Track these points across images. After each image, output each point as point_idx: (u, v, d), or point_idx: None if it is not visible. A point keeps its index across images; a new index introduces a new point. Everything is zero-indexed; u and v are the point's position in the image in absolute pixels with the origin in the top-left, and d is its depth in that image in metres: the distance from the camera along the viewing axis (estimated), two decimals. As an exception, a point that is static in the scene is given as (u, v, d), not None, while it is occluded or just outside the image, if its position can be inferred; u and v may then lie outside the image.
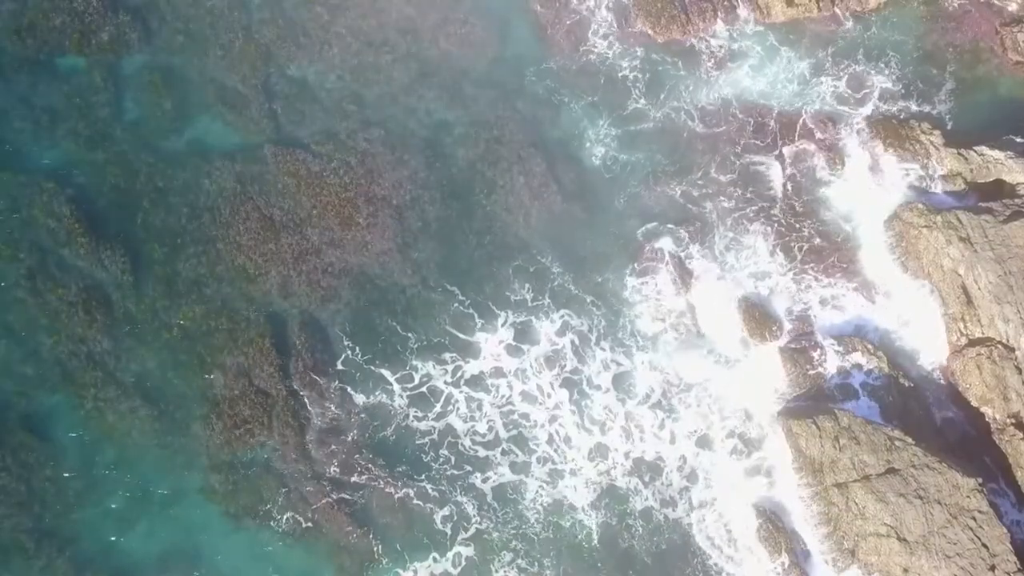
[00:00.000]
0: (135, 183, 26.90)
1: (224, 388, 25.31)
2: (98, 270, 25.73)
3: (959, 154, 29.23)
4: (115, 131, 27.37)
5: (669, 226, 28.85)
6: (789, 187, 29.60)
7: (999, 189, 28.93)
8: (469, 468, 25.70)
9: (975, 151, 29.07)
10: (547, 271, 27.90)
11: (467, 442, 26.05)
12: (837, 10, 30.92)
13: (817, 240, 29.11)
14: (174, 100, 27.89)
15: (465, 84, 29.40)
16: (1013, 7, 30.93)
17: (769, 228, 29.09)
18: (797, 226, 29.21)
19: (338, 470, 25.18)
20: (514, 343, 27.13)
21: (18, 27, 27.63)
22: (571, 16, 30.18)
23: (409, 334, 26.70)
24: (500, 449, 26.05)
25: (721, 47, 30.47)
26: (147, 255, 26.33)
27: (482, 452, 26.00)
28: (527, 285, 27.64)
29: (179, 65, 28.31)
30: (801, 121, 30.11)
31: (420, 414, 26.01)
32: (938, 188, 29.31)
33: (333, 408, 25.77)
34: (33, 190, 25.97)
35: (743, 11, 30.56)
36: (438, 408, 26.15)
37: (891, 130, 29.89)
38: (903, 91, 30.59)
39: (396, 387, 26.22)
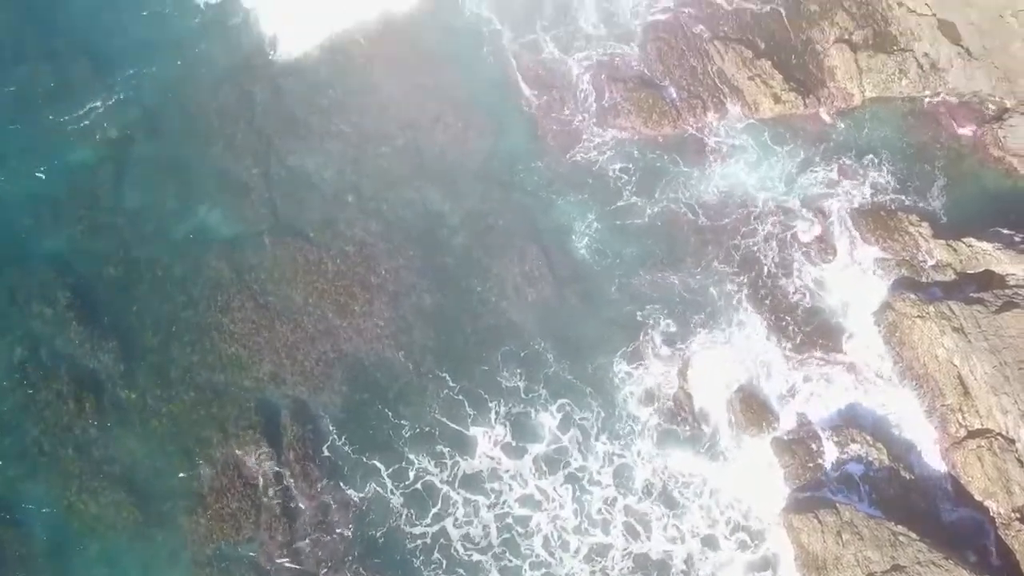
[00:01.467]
0: (134, 272, 27.27)
1: (211, 480, 24.90)
2: (90, 359, 25.74)
3: (948, 245, 29.69)
4: (117, 221, 27.91)
5: (664, 313, 28.92)
6: (782, 276, 29.92)
7: (989, 279, 29.24)
8: (462, 572, 25.01)
9: (963, 242, 29.52)
10: (543, 359, 27.87)
11: (460, 547, 25.37)
12: (823, 107, 31.95)
13: (811, 329, 29.20)
14: (177, 190, 28.58)
15: (461, 177, 30.08)
16: (991, 108, 32.11)
17: (763, 317, 29.23)
18: (791, 315, 29.36)
19: (326, 571, 24.51)
20: (512, 441, 26.84)
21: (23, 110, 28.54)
22: (564, 112, 31.09)
23: (403, 423, 26.51)
24: (492, 553, 25.38)
25: (712, 141, 31.33)
26: (141, 343, 26.40)
27: (475, 556, 25.35)
28: (520, 372, 27.59)
29: (183, 156, 29.07)
30: (793, 212, 30.74)
31: (415, 516, 25.43)
32: (929, 278, 29.62)
33: (324, 503, 25.29)
34: (31, 278, 26.26)
35: (732, 107, 31.54)
36: (434, 510, 25.58)
37: (880, 221, 30.47)
38: (891, 184, 31.24)
39: (389, 483, 25.79)
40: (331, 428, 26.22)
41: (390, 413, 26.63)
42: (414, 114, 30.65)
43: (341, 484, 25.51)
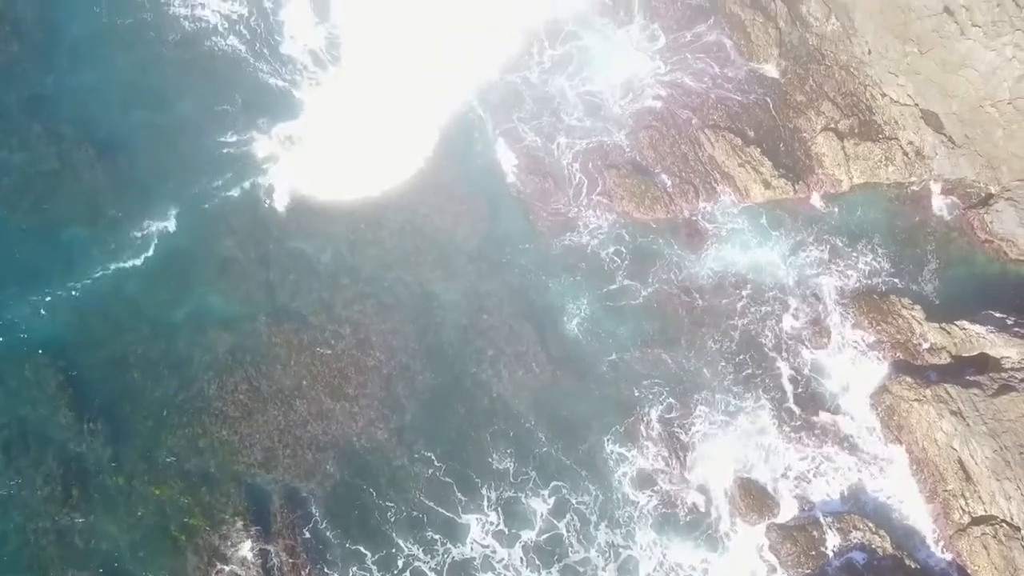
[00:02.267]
0: (128, 355, 27.16)
1: (196, 568, 24.29)
2: (79, 443, 25.45)
3: (942, 328, 29.96)
4: (113, 305, 27.94)
5: (659, 395, 28.98)
6: (778, 358, 30.08)
7: (985, 362, 29.41)
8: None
9: (957, 325, 29.82)
10: (536, 440, 27.75)
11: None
12: (813, 192, 32.71)
13: (809, 413, 29.21)
14: (174, 273, 28.76)
15: (456, 259, 30.45)
16: (977, 193, 32.92)
17: (759, 399, 29.26)
18: (788, 398, 29.40)
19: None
20: (505, 528, 26.45)
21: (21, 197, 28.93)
22: (556, 197, 31.73)
23: (393, 508, 26.12)
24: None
25: (705, 225, 31.92)
26: (131, 427, 26.14)
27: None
28: (513, 454, 27.43)
29: (182, 239, 29.41)
30: (787, 295, 31.11)
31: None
32: (924, 361, 29.77)
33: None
34: (23, 362, 26.20)
35: (724, 192, 32.25)
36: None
37: (873, 304, 30.82)
38: (882, 267, 31.78)
39: (377, 570, 25.21)
40: (322, 514, 25.76)
41: (381, 498, 26.24)
42: (411, 198, 31.28)
43: (330, 572, 24.90)
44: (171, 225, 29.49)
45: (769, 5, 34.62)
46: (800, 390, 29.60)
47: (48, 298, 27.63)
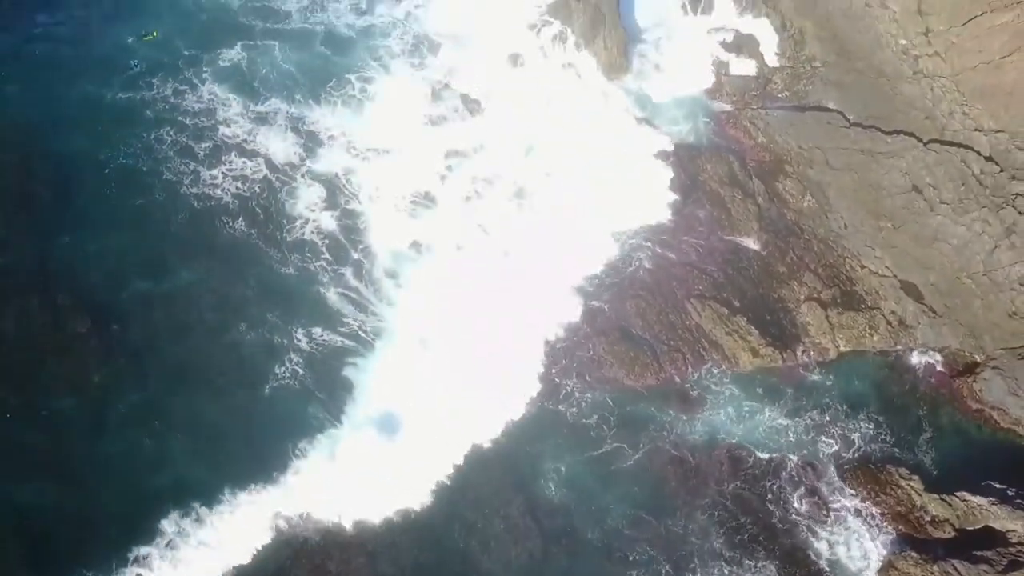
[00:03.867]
0: (98, 526, 26.47)
1: None
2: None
3: (942, 500, 29.73)
4: (87, 472, 27.52)
5: (654, 565, 28.22)
6: (775, 530, 29.56)
7: (990, 536, 28.97)
8: None
9: (957, 497, 29.62)
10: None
11: None
12: (801, 360, 33.53)
13: (812, 590, 28.44)
14: (156, 441, 28.58)
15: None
16: (963, 362, 33.82)
17: (757, 573, 28.52)
18: (786, 572, 28.67)
19: None
20: None
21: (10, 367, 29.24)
22: (549, 363, 32.37)
23: None
24: None
25: (696, 393, 32.38)
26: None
27: None
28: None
29: (168, 404, 29.43)
30: (781, 464, 31.04)
31: None
32: (928, 535, 29.28)
33: None
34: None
35: (713, 360, 32.97)
36: None
37: (870, 475, 30.74)
38: (876, 435, 31.97)
39: None
40: None
41: None
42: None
43: None
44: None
45: (747, 183, 37.12)
46: (799, 564, 28.85)
47: (15, 456, 27.26)
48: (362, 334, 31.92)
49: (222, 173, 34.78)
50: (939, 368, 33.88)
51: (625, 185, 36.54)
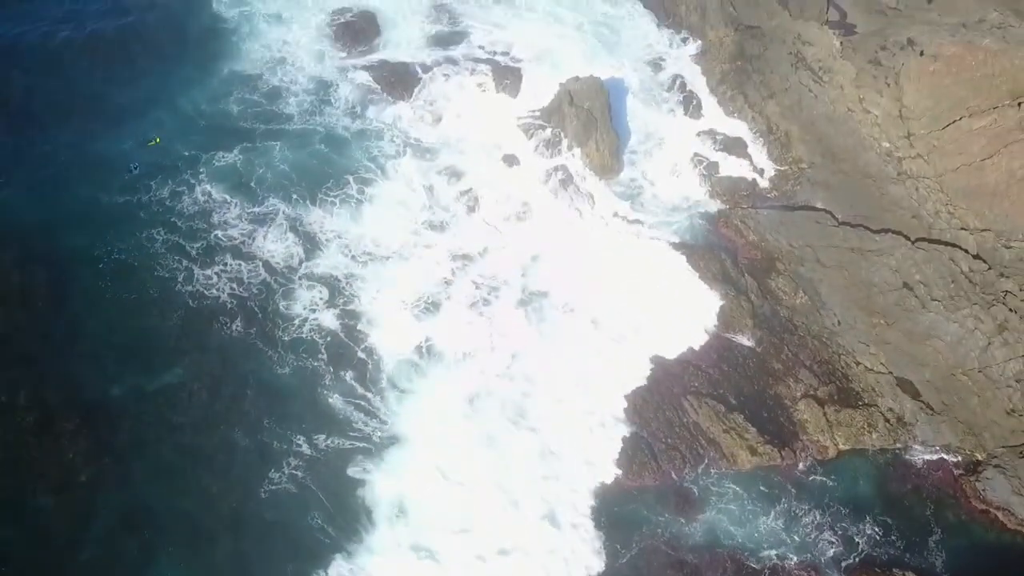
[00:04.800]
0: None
1: None
2: None
3: (952, 605, 29.32)
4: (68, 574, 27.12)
5: None
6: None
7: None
8: None
9: (967, 601, 29.23)
10: None
11: None
12: (800, 458, 33.46)
13: None
14: (139, 540, 28.17)
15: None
16: (964, 460, 33.86)
17: None
18: None
19: None
20: None
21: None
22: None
23: None
24: None
25: (694, 492, 32.19)
26: None
27: None
28: None
29: (157, 508, 29.14)
30: (784, 568, 30.55)
31: None
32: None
33: None
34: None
35: (711, 458, 32.90)
36: None
37: (877, 579, 30.38)
38: (879, 536, 31.59)
39: None
40: None
41: None
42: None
43: None
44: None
45: (739, 280, 38.00)
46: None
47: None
48: (367, 442, 31.74)
49: (215, 273, 35.55)
50: (942, 466, 33.83)
51: (625, 288, 37.45)
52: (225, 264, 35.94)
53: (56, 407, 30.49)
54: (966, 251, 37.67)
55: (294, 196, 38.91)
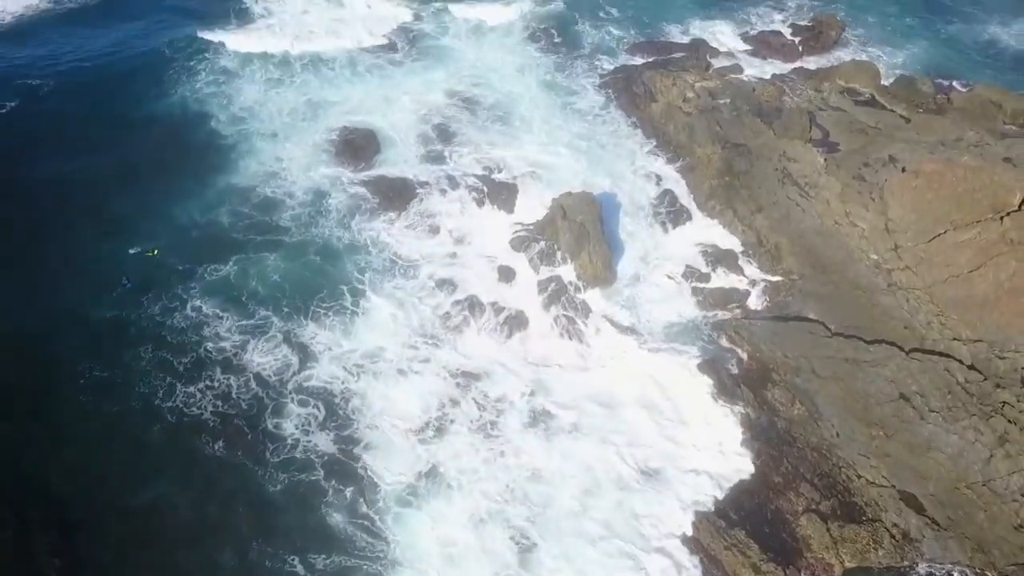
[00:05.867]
0: None
1: None
2: None
3: None
4: None
5: None
6: None
7: None
8: None
9: None
10: None
11: None
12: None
13: None
14: None
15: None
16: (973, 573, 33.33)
17: None
18: None
19: None
20: None
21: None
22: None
23: None
24: None
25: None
26: None
27: None
28: None
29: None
30: None
31: None
32: None
33: None
34: None
35: (713, 578, 32.43)
36: None
37: None
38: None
39: None
40: None
41: None
42: None
43: None
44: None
45: (735, 390, 38.25)
46: None
47: None
48: (367, 564, 30.96)
49: (199, 390, 35.35)
50: (953, 586, 33.23)
51: (627, 402, 37.60)
52: (212, 380, 35.88)
53: (33, 523, 29.85)
54: (960, 361, 38.16)
55: (286, 308, 39.39)
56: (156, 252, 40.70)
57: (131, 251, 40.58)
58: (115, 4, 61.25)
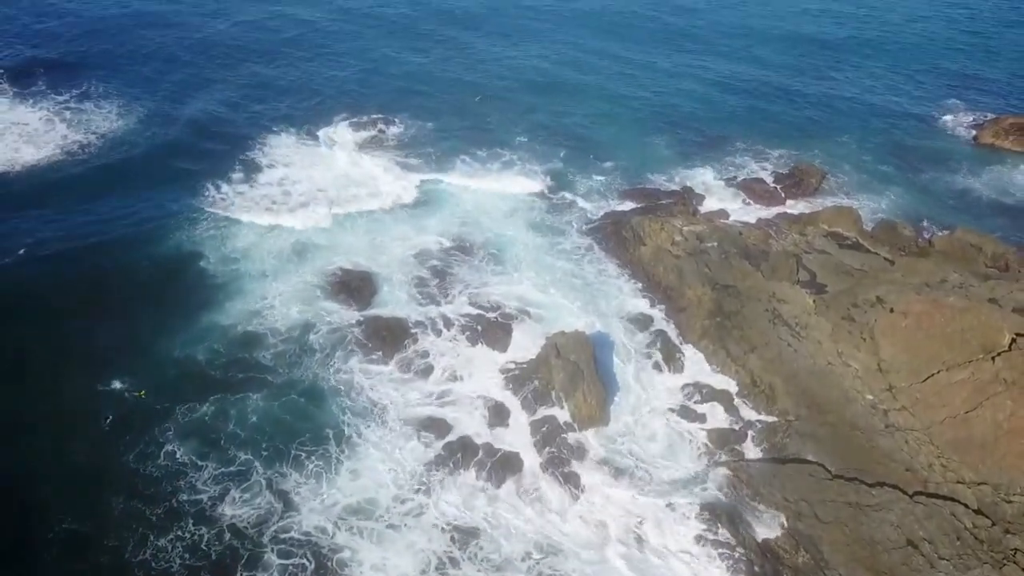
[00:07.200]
0: None
1: None
2: None
3: None
4: None
5: None
6: None
7: None
8: None
9: None
10: None
11: None
12: None
13: None
14: None
15: None
16: None
17: None
18: None
19: None
20: None
21: None
22: None
23: None
24: None
25: None
26: None
27: None
28: None
29: None
30: None
31: None
32: None
33: None
34: None
35: None
36: None
37: None
38: None
39: None
40: None
41: None
42: None
43: None
44: None
45: (734, 536, 37.33)
46: None
47: None
48: None
49: (170, 543, 34.24)
50: None
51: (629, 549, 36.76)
52: (183, 531, 34.68)
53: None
54: (966, 505, 37.73)
55: (265, 453, 38.60)
56: (143, 394, 40.28)
57: (115, 386, 40.28)
58: (115, 172, 61.04)
